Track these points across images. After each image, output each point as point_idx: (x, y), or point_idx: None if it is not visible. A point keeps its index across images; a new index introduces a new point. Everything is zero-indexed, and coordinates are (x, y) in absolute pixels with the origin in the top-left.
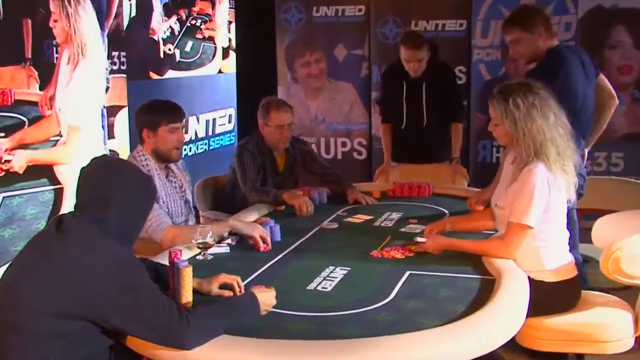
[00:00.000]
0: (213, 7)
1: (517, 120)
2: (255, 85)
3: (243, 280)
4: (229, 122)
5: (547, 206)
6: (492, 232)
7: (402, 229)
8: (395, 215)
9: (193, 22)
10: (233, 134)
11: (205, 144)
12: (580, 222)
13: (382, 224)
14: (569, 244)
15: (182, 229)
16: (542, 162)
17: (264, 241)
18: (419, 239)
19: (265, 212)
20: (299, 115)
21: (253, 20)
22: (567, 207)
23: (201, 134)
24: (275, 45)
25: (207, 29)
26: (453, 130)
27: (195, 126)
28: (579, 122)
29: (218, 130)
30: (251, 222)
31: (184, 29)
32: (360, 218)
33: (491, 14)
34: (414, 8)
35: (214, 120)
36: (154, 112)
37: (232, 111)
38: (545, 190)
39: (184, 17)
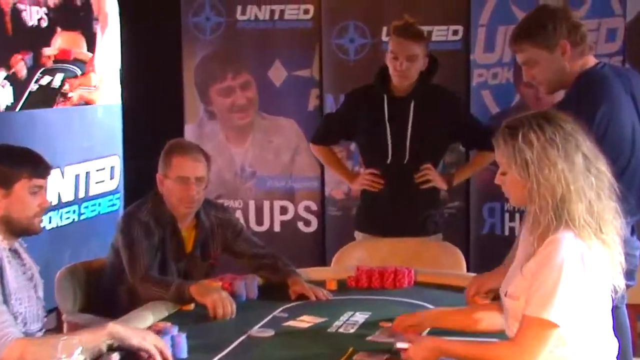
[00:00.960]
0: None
1: (528, 162)
2: (150, 123)
3: None
4: (111, 177)
5: (581, 296)
6: (497, 335)
7: (370, 338)
8: (360, 317)
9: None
10: (117, 195)
11: (74, 211)
12: (635, 324)
13: (340, 330)
14: (617, 358)
15: (37, 342)
16: (571, 229)
17: (162, 356)
18: (400, 345)
19: (164, 315)
20: (216, 167)
21: (147, 26)
22: (613, 301)
23: (67, 197)
24: (180, 64)
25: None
26: (474, 157)
27: (58, 184)
28: (629, 176)
29: (93, 190)
30: (143, 328)
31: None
32: (307, 321)
33: (498, 17)
34: (386, 8)
35: (87, 174)
36: (7, 162)
37: (116, 161)
38: (578, 270)
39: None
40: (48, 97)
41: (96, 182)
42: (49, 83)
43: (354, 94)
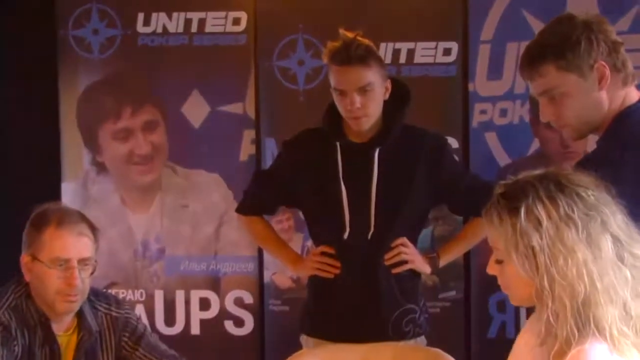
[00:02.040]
0: None
1: (535, 249)
2: (12, 181)
3: None
4: None
5: None
6: None
7: None
8: None
9: None
10: None
11: None
12: None
13: None
14: None
15: None
16: (597, 339)
17: None
18: None
19: None
20: (108, 243)
21: (7, 43)
22: None
23: None
24: (55, 95)
25: None
26: (473, 224)
27: None
28: None
29: None
30: None
31: None
32: None
33: (507, 30)
34: (348, 15)
35: None
36: None
37: None
38: None
39: None
40: None
41: None
42: None
43: (296, 141)
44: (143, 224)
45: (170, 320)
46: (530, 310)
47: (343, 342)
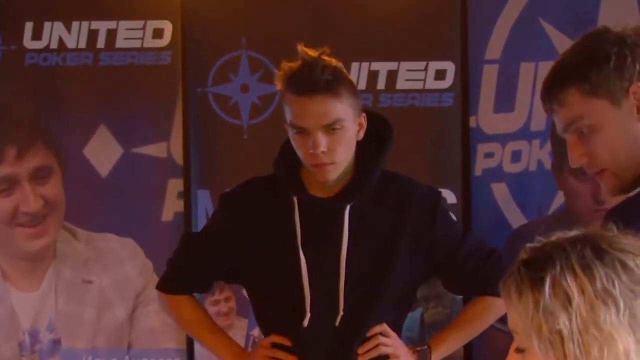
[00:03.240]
0: None
1: (563, 335)
2: None
3: None
4: None
5: None
6: None
7: None
8: None
9: None
10: None
11: None
12: None
13: None
14: None
15: None
16: None
17: None
18: None
19: None
20: None
21: None
22: None
23: None
24: None
25: None
26: (476, 304)
27: None
28: None
29: None
30: None
31: None
32: None
33: (520, 46)
34: (313, 26)
35: None
36: None
37: None
38: None
39: None
40: None
41: None
42: None
43: (238, 195)
44: (31, 305)
45: None
46: None
47: None
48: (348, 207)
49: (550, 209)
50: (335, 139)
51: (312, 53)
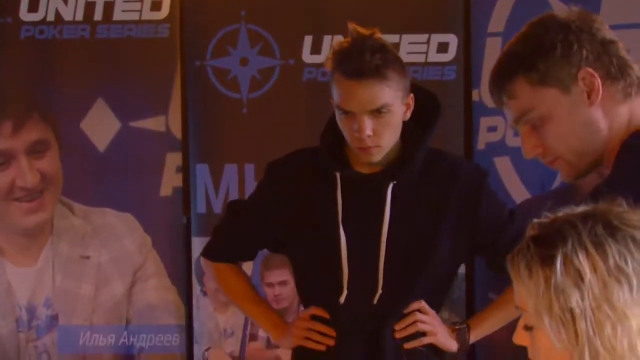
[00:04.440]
0: None
1: (575, 314)
2: None
3: None
4: None
5: None
6: None
7: None
8: None
9: None
10: None
11: None
12: None
13: None
14: None
15: None
16: None
17: None
18: None
19: None
20: None
21: None
22: None
23: None
24: None
25: None
26: (510, 290)
27: None
28: None
29: None
30: None
31: None
32: None
33: (524, 18)
34: None
35: None
36: None
37: None
38: None
39: None
40: None
41: None
42: None
43: (284, 164)
44: (28, 281)
45: None
46: None
47: None
48: (391, 185)
49: (554, 184)
50: (381, 123)
51: (363, 32)
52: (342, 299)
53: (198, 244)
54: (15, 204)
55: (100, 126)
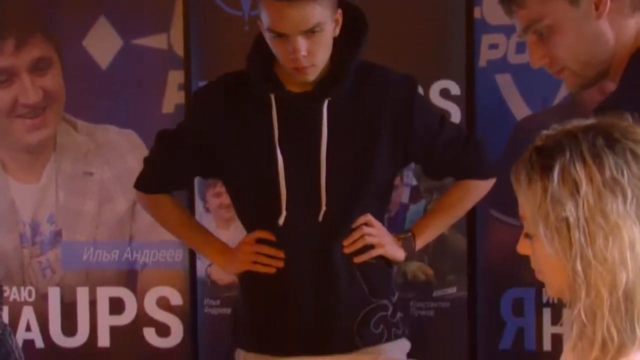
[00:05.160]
0: None
1: (570, 223)
2: None
3: None
4: None
5: None
6: None
7: None
8: None
9: None
10: None
11: None
12: None
13: None
14: None
15: None
16: None
17: None
18: None
19: None
20: None
21: None
22: None
23: None
24: None
25: None
26: (457, 188)
27: None
28: None
29: None
30: None
31: None
32: None
33: None
34: None
35: None
36: None
37: None
38: None
39: None
40: None
41: None
42: None
43: (211, 91)
44: (32, 197)
45: (69, 328)
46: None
47: (295, 356)
48: (326, 102)
49: (555, 101)
50: (315, 42)
51: None
52: (280, 221)
53: None
54: (19, 121)
55: (103, 44)
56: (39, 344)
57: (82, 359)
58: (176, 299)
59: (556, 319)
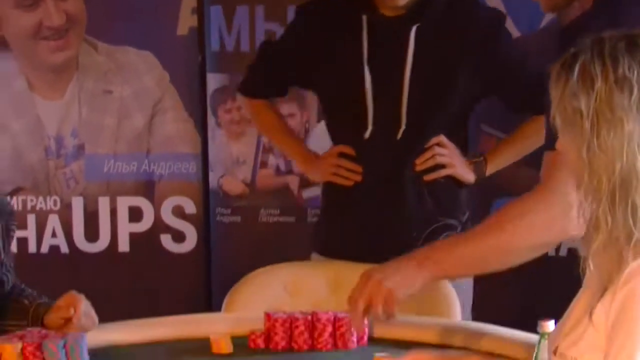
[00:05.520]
0: None
1: (583, 114)
2: None
3: None
4: None
5: None
6: None
7: None
8: None
9: None
10: None
11: None
12: None
13: None
14: None
15: None
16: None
17: None
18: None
19: None
20: (11, 138)
21: None
22: None
23: None
24: None
25: None
26: (534, 121)
27: None
28: None
29: None
30: None
31: None
32: None
33: None
34: None
35: None
36: None
37: None
38: None
39: None
40: None
41: None
42: None
43: (312, 7)
44: (56, 113)
45: (92, 234)
46: None
47: (362, 263)
48: (415, 27)
49: (542, 23)
50: None
51: None
52: (367, 134)
53: (212, 79)
54: (43, 43)
55: None
56: (64, 249)
57: (103, 263)
58: (190, 207)
59: None
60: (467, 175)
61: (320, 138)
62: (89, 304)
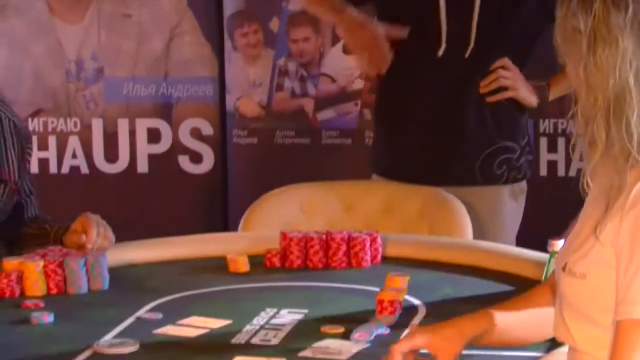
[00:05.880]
0: None
1: (581, 33)
2: None
3: None
4: None
5: None
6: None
7: (308, 353)
8: (288, 317)
9: None
10: None
11: None
12: None
13: (255, 340)
14: None
15: None
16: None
17: None
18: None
19: None
20: (32, 61)
21: None
22: None
23: None
24: None
25: None
26: None
27: None
28: None
29: None
30: None
31: None
32: (196, 326)
33: None
34: None
35: None
36: None
37: None
38: None
39: None
40: None
41: None
42: None
43: None
44: (76, 37)
45: (111, 155)
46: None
47: (419, 184)
48: None
49: None
50: None
51: None
52: (439, 52)
53: (229, 3)
54: None
55: None
56: (84, 169)
57: (123, 183)
58: (207, 129)
59: (552, 147)
60: (530, 98)
61: (334, 61)
62: (104, 223)
